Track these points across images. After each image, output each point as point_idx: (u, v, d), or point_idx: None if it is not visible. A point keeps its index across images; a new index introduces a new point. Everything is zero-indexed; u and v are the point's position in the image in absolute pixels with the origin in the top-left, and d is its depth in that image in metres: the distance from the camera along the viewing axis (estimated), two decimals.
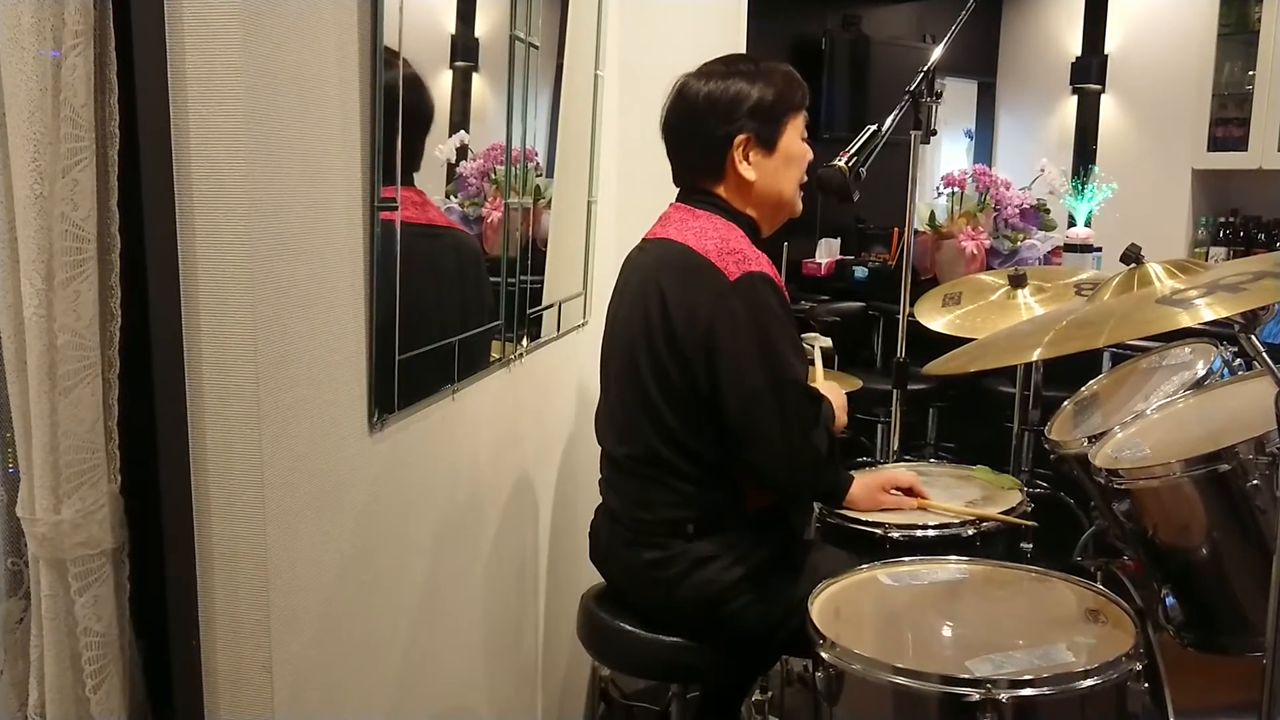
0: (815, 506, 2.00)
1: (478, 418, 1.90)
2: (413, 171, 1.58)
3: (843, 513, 1.92)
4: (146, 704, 1.26)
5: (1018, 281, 2.55)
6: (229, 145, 1.16)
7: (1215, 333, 1.87)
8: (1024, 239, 3.93)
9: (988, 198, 3.96)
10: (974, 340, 1.89)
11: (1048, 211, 4.03)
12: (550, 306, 2.27)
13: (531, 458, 2.24)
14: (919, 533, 1.86)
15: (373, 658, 1.56)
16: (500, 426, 2.03)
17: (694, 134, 1.83)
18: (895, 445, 2.55)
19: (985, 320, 2.49)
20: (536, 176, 2.12)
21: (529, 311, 2.11)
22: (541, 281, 2.20)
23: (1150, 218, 4.51)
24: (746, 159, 1.81)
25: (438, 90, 1.74)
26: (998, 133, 5.75)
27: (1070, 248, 4.03)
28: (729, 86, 1.79)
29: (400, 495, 1.61)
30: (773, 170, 1.83)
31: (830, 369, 2.37)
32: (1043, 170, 4.01)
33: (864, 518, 1.90)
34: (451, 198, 1.84)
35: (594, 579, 2.01)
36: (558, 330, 2.34)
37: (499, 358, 1.98)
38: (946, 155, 5.60)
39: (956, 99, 5.51)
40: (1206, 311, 1.32)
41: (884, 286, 4.34)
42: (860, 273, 4.59)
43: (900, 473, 2.03)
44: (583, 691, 2.70)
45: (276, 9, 1.22)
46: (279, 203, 1.24)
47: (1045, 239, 3.97)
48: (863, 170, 2.10)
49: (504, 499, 2.09)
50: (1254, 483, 1.46)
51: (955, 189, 4.05)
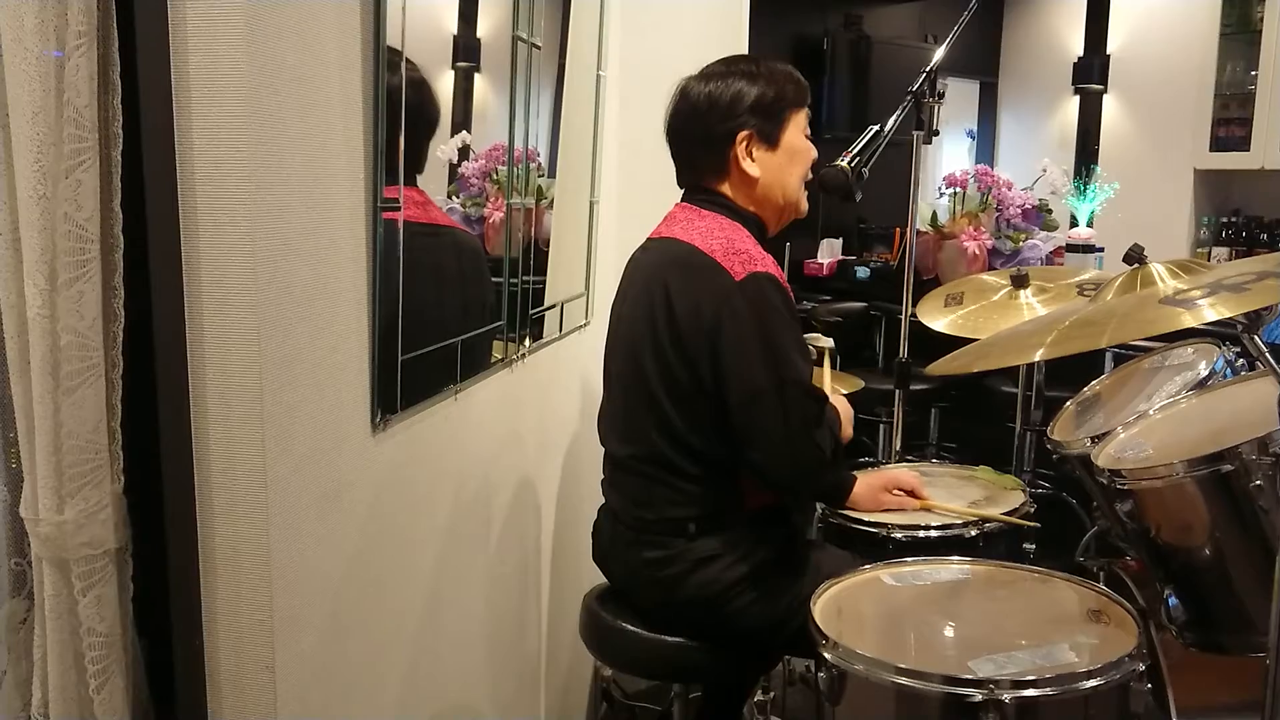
0: (817, 506, 2.01)
1: (480, 418, 1.90)
2: (415, 172, 1.58)
3: (845, 513, 1.92)
4: (149, 704, 1.27)
5: (1020, 281, 2.55)
6: (232, 145, 1.16)
7: (1218, 333, 1.87)
8: (1026, 239, 3.93)
9: (990, 198, 3.96)
10: (976, 340, 1.89)
11: (1050, 211, 4.02)
12: (552, 307, 2.27)
13: (533, 458, 2.24)
14: (921, 533, 1.86)
15: (375, 657, 1.56)
16: (502, 427, 2.03)
17: (696, 133, 1.83)
18: (897, 445, 2.55)
19: (987, 320, 2.49)
20: (538, 177, 2.12)
21: (531, 312, 2.11)
22: (543, 282, 2.20)
23: (1152, 218, 4.51)
24: (750, 155, 1.81)
25: (440, 90, 1.74)
26: (1000, 133, 5.75)
27: (1072, 248, 4.02)
28: (730, 85, 1.80)
29: (403, 495, 1.61)
30: (776, 166, 1.83)
31: (832, 369, 2.37)
32: (1045, 170, 4.00)
33: (866, 518, 1.90)
34: (453, 198, 1.84)
35: (596, 578, 2.01)
36: (560, 330, 2.34)
37: (501, 358, 1.98)
38: (948, 155, 5.59)
39: (958, 99, 5.50)
40: (1209, 312, 1.32)
41: (886, 286, 4.34)
42: (862, 273, 4.59)
43: (903, 473, 2.03)
44: (585, 691, 2.70)
45: (279, 10, 1.22)
46: (281, 203, 1.24)
47: (1047, 239, 3.97)
48: (865, 170, 2.10)
49: (506, 499, 2.09)
50: (1257, 483, 1.46)
51: (957, 189, 4.04)
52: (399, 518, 1.60)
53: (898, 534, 1.85)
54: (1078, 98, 5.25)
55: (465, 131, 1.83)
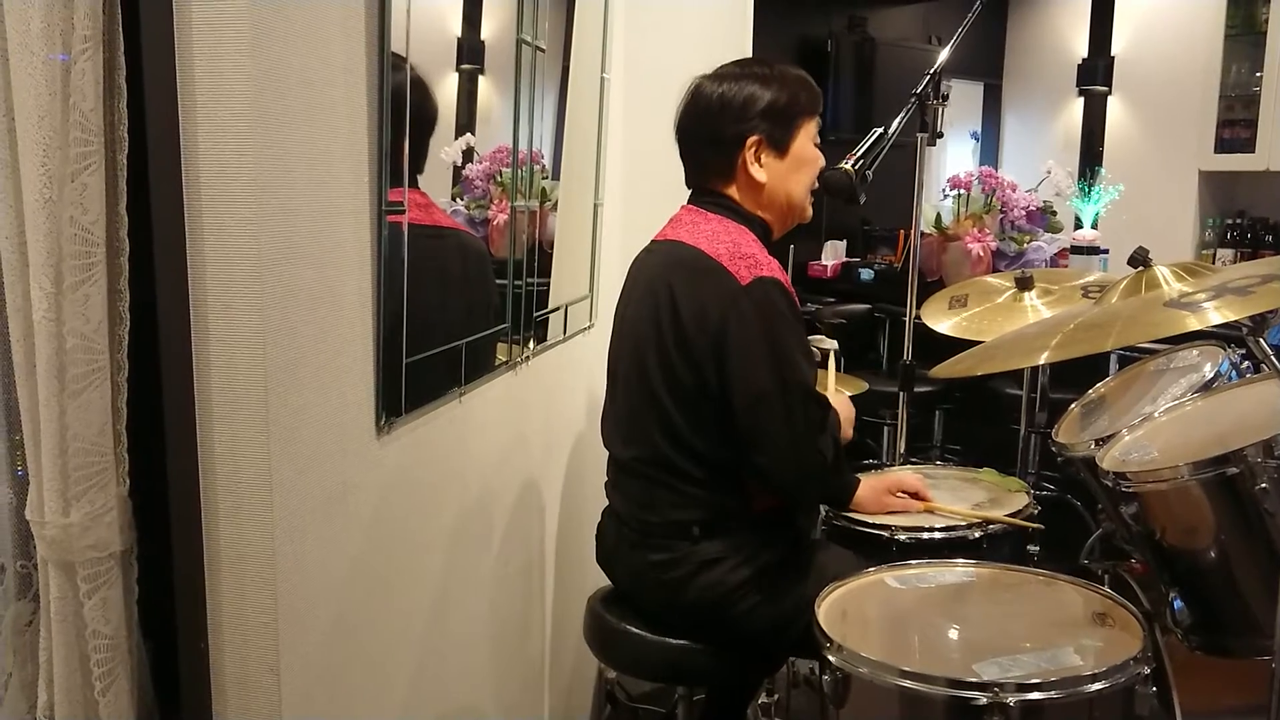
0: (822, 508, 2.00)
1: (484, 420, 1.90)
2: (418, 174, 1.59)
3: (849, 515, 1.92)
4: (155, 706, 1.27)
5: (1024, 283, 2.55)
6: (237, 149, 1.16)
7: (1223, 335, 1.87)
8: (1030, 241, 3.93)
9: (994, 199, 3.96)
10: (981, 343, 1.88)
11: (1054, 213, 4.02)
12: (556, 309, 2.27)
13: (538, 460, 2.25)
14: (925, 535, 1.86)
15: (380, 659, 1.56)
16: (507, 429, 2.04)
17: (706, 134, 1.83)
18: (901, 447, 2.55)
19: (992, 322, 2.49)
20: (542, 179, 2.13)
21: (535, 314, 2.12)
22: (548, 284, 2.20)
23: (1157, 219, 4.51)
24: (758, 160, 1.81)
25: (444, 93, 1.74)
26: (1004, 134, 5.74)
27: (1077, 249, 4.02)
28: (742, 88, 1.80)
29: (407, 498, 1.61)
30: (783, 173, 1.83)
31: (836, 371, 2.37)
32: (1049, 172, 4.00)
33: (870, 520, 1.90)
34: (457, 200, 1.84)
35: (600, 581, 2.01)
36: (564, 333, 2.35)
37: (505, 360, 1.98)
38: (952, 157, 5.59)
39: (962, 101, 5.50)
40: (1214, 315, 1.32)
41: (890, 288, 4.34)
42: (866, 275, 4.59)
43: (906, 475, 2.03)
44: (589, 693, 2.71)
45: (284, 14, 1.22)
46: (286, 206, 1.24)
47: (1052, 241, 3.97)
48: (869, 173, 2.10)
49: (511, 501, 2.09)
50: (1262, 485, 1.46)
51: (961, 191, 4.05)
52: (404, 520, 1.61)
53: (901, 536, 1.85)
54: (1082, 99, 5.25)
55: (469, 134, 1.83)
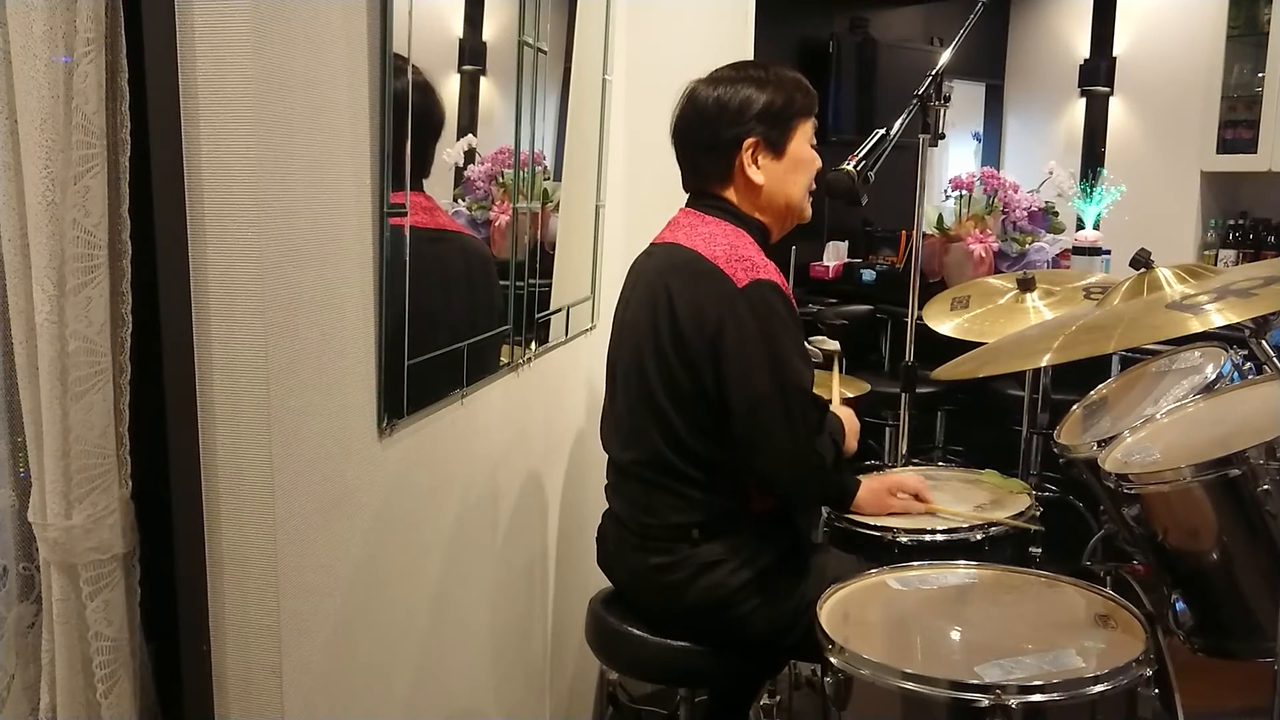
0: (823, 510, 2.00)
1: (487, 422, 1.90)
2: (421, 176, 1.59)
3: (850, 517, 1.92)
4: (157, 708, 1.27)
5: (1026, 285, 2.55)
6: (239, 151, 1.17)
7: (1225, 336, 1.87)
8: (1032, 242, 3.93)
9: (996, 200, 3.96)
10: (983, 344, 1.88)
11: (1056, 214, 4.02)
12: (558, 310, 2.27)
13: (540, 461, 2.25)
14: (927, 537, 1.86)
15: (382, 662, 1.56)
16: (509, 430, 2.04)
17: (703, 137, 1.83)
18: (903, 449, 2.55)
19: (994, 324, 2.48)
20: (544, 180, 2.13)
21: (537, 315, 2.12)
22: (549, 285, 2.20)
23: (1159, 220, 4.51)
24: (755, 163, 1.81)
25: (446, 94, 1.75)
26: (1006, 135, 5.74)
27: (1079, 250, 4.02)
28: (738, 91, 1.80)
29: (409, 500, 1.61)
30: (781, 175, 1.83)
31: (839, 373, 2.37)
32: (1051, 173, 4.00)
33: (872, 522, 1.90)
34: (459, 201, 1.84)
35: (602, 583, 2.01)
36: (566, 334, 2.35)
37: (507, 362, 1.98)
38: (954, 158, 5.59)
39: (964, 102, 5.50)
40: (1216, 317, 1.32)
41: (892, 289, 4.34)
42: (868, 276, 4.58)
43: (908, 477, 2.02)
44: (591, 695, 2.70)
45: (286, 16, 1.22)
46: (289, 209, 1.24)
47: (1054, 242, 3.97)
48: (871, 174, 2.09)
49: (513, 503, 2.09)
50: (1264, 487, 1.46)
51: (963, 192, 4.05)
52: (405, 522, 1.61)
53: (903, 538, 1.85)
54: (1084, 100, 5.25)
55: (471, 135, 1.83)
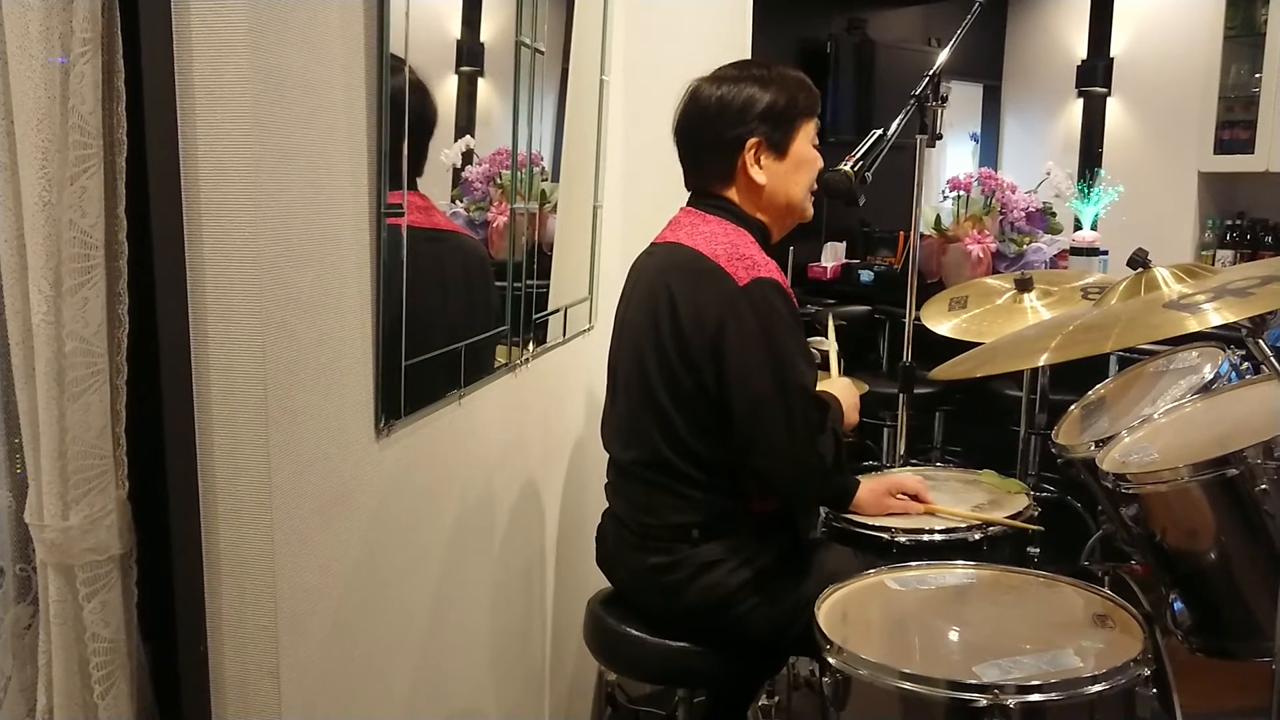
0: (822, 510, 2.00)
1: (484, 423, 1.90)
2: (417, 177, 1.59)
3: (849, 517, 1.92)
4: (154, 709, 1.27)
5: (1024, 285, 2.55)
6: (236, 152, 1.16)
7: (1223, 336, 1.87)
8: (1030, 242, 3.93)
9: (993, 201, 3.96)
10: (981, 344, 1.89)
11: (1054, 215, 4.02)
12: (556, 311, 2.27)
13: (538, 463, 2.24)
14: (925, 537, 1.86)
15: (380, 662, 1.56)
16: (507, 432, 2.03)
17: (705, 137, 1.83)
18: (901, 449, 2.55)
19: (991, 324, 2.49)
20: (542, 181, 2.12)
21: (535, 316, 2.11)
22: (547, 286, 2.20)
23: (1157, 221, 4.51)
24: (757, 163, 1.81)
25: (443, 95, 1.74)
26: (1003, 136, 5.75)
27: (1077, 251, 4.02)
28: (741, 90, 1.80)
29: (407, 501, 1.61)
30: (783, 175, 1.83)
31: (839, 373, 2.37)
32: (1048, 173, 4.00)
33: (870, 522, 1.90)
34: (457, 202, 1.84)
35: (600, 583, 2.01)
36: (564, 335, 2.34)
37: (505, 363, 1.98)
38: (952, 158, 5.59)
39: (962, 102, 5.50)
40: (1214, 316, 1.32)
41: (890, 290, 4.34)
42: (866, 276, 4.59)
43: (906, 477, 2.03)
44: (589, 696, 2.70)
45: (283, 16, 1.22)
46: (286, 209, 1.24)
47: (1051, 242, 3.97)
48: (868, 174, 2.10)
49: (511, 504, 2.09)
50: (1262, 487, 1.46)
51: (961, 192, 4.05)
52: (403, 523, 1.61)
53: (902, 538, 1.85)
54: (1081, 100, 5.25)
55: (469, 136, 1.83)
